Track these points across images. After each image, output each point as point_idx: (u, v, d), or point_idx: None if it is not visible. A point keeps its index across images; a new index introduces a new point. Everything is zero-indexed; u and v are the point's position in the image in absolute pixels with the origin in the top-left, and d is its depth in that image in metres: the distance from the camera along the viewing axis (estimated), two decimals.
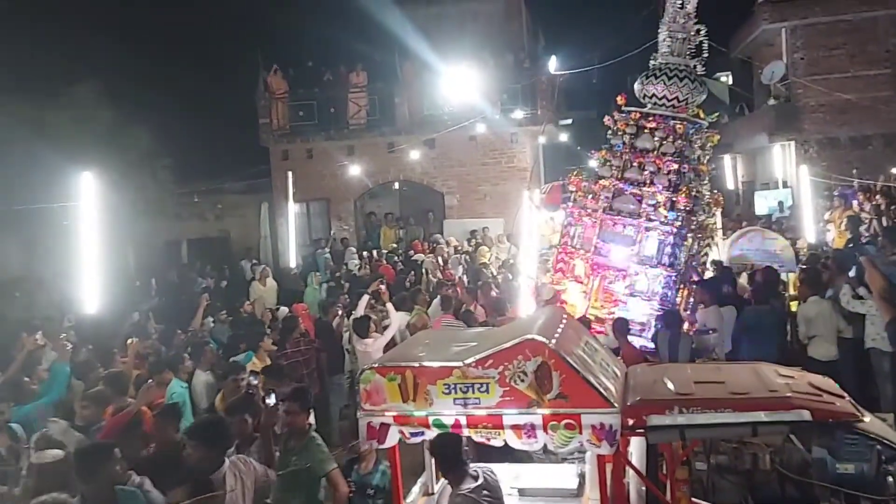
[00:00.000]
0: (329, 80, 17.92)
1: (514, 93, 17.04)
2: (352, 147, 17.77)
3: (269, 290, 12.83)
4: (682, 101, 8.00)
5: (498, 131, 16.92)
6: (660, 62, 8.17)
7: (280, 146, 17.90)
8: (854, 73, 17.92)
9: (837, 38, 18.20)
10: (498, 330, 5.14)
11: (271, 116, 17.68)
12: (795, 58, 18.35)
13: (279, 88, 17.75)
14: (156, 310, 10.95)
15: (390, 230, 17.20)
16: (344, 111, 17.72)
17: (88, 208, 7.82)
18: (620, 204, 7.92)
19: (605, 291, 8.00)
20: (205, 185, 17.76)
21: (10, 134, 11.67)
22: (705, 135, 8.26)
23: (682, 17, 8.01)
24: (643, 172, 7.85)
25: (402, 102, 17.52)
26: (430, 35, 16.96)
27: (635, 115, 8.06)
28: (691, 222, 7.87)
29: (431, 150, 17.33)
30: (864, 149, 17.81)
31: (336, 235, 17.25)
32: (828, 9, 18.21)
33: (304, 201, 17.43)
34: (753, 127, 20.14)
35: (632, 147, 8.03)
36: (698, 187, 8.07)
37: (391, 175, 18.07)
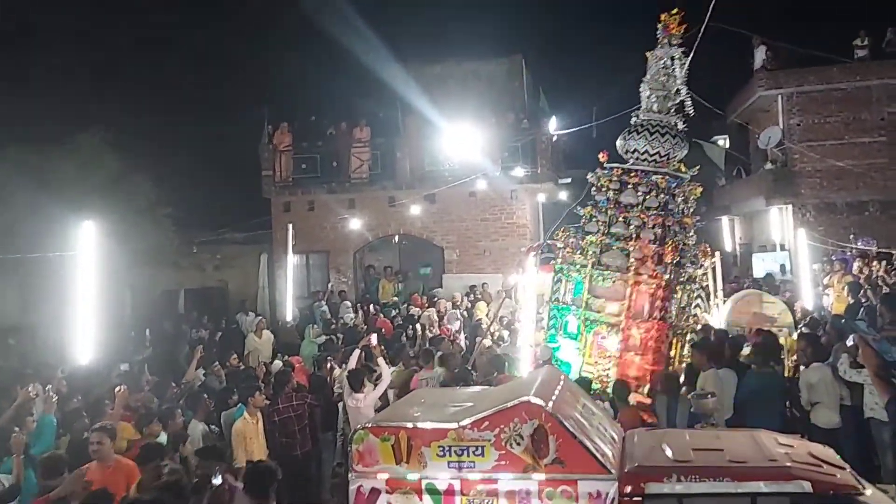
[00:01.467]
0: (332, 135, 18.19)
1: (515, 151, 17.25)
2: (353, 200, 17.91)
3: (264, 343, 12.75)
4: (664, 157, 8.11)
5: (498, 188, 17.08)
6: (641, 119, 8.31)
7: (282, 198, 18.05)
8: (849, 139, 18.24)
9: (832, 106, 18.58)
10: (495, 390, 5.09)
11: (274, 168, 17.88)
12: (791, 124, 18.68)
13: (283, 141, 18.00)
14: (149, 360, 10.85)
15: (389, 283, 17.19)
16: (346, 165, 17.92)
17: (87, 257, 7.82)
18: (609, 259, 7.95)
19: (598, 347, 7.95)
20: (205, 234, 17.84)
21: (13, 182, 11.77)
22: (688, 188, 8.34)
23: (664, 75, 8.17)
24: (629, 227, 7.91)
25: (403, 157, 17.73)
26: (433, 93, 17.29)
27: (618, 171, 8.17)
28: (680, 275, 7.89)
29: (432, 204, 17.47)
30: (860, 214, 17.97)
31: (334, 288, 17.24)
32: (822, 77, 18.66)
33: (303, 253, 17.50)
34: (750, 190, 20.37)
35: (616, 202, 8.11)
36: (684, 240, 8.11)
37: (391, 229, 18.16)
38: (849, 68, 18.63)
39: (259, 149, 17.91)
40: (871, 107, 18.41)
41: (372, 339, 9.68)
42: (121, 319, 14.18)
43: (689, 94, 8.36)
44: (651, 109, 8.24)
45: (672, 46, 8.17)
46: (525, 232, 17.50)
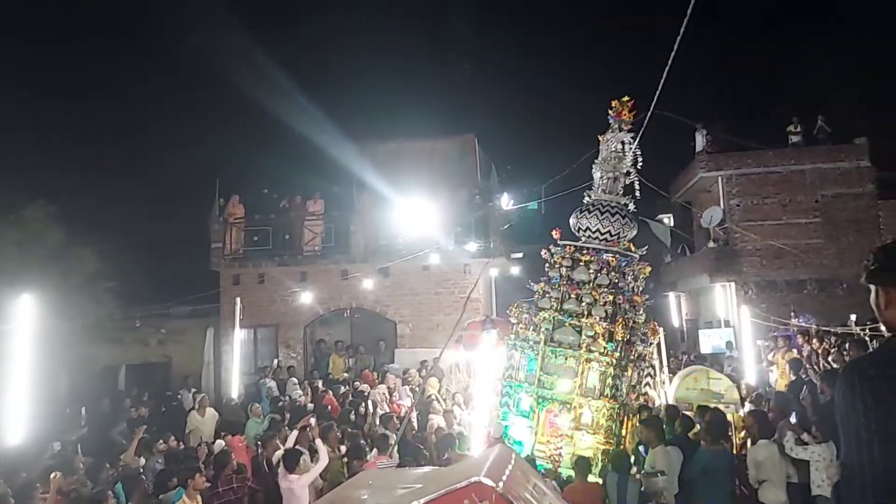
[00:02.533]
0: (285, 207, 18.17)
1: (468, 225, 17.48)
2: (304, 273, 17.77)
3: (207, 421, 12.27)
4: (614, 236, 8.33)
5: (451, 262, 17.21)
6: (593, 198, 8.56)
7: (231, 271, 17.78)
8: (786, 220, 19.05)
9: (770, 188, 19.46)
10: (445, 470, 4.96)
11: (224, 241, 17.68)
12: (732, 204, 19.46)
13: (235, 213, 17.89)
14: (84, 440, 10.32)
15: (340, 358, 16.89)
16: (299, 238, 17.85)
17: (23, 332, 7.53)
18: (561, 336, 8.00)
19: (550, 425, 7.90)
20: (149, 308, 17.36)
21: None
22: (637, 267, 8.54)
23: (614, 158, 8.48)
24: (581, 304, 8.01)
25: (357, 231, 17.76)
26: (388, 168, 17.55)
27: (570, 249, 8.33)
28: (630, 353, 7.97)
29: (385, 278, 17.44)
30: (799, 292, 18.60)
31: (282, 363, 16.85)
32: (759, 161, 19.62)
33: (251, 327, 17.15)
34: (695, 267, 20.95)
35: (569, 279, 8.23)
36: (634, 318, 8.23)
37: (343, 302, 18.00)
38: (784, 153, 19.67)
39: (209, 221, 17.73)
40: (806, 190, 19.35)
41: (311, 421, 9.42)
42: (56, 397, 13.53)
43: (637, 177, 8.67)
44: (602, 190, 8.50)
45: (622, 131, 8.52)
46: (478, 306, 17.54)
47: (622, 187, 8.57)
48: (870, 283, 2.15)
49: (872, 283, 2.14)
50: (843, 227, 18.94)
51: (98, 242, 14.57)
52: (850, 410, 2.01)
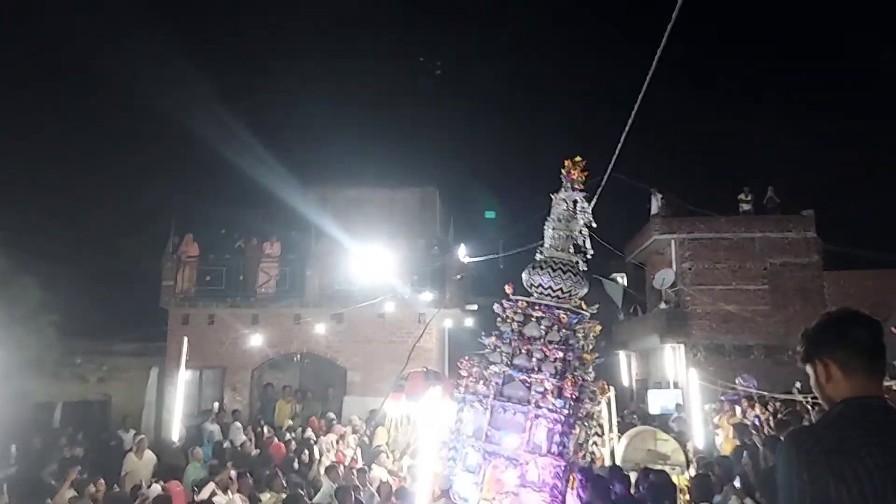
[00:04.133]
0: (241, 248, 17.97)
1: (424, 275, 17.51)
2: (256, 316, 17.47)
3: (145, 464, 11.80)
4: (566, 293, 8.40)
5: (406, 311, 17.14)
6: (546, 255, 8.66)
7: (181, 310, 17.38)
8: (735, 286, 19.55)
9: (721, 253, 20.00)
10: None
11: (176, 279, 17.33)
12: (684, 267, 19.92)
13: (189, 252, 17.60)
14: (12, 480, 9.83)
15: (287, 404, 16.51)
16: (253, 280, 17.62)
17: None
18: (511, 390, 7.96)
19: (496, 481, 7.80)
20: (92, 344, 16.80)
21: None
22: (588, 325, 8.61)
23: (566, 217, 8.62)
24: (531, 360, 8.01)
25: (313, 275, 17.62)
26: (348, 215, 17.57)
27: (522, 304, 8.37)
28: (578, 410, 7.97)
29: (339, 324, 17.26)
30: (746, 357, 18.98)
31: (227, 407, 16.40)
32: (711, 227, 20.21)
33: (197, 368, 16.72)
34: (646, 328, 21.25)
35: (520, 334, 8.24)
36: (584, 375, 8.26)
37: (294, 347, 17.71)
38: (735, 220, 20.30)
39: (162, 258, 17.40)
40: (755, 257, 19.94)
41: (232, 473, 9.18)
42: None
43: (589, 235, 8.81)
44: (554, 247, 8.60)
45: (574, 191, 8.67)
46: (430, 356, 17.46)
47: (574, 246, 8.68)
48: (806, 363, 2.17)
49: (809, 362, 2.15)
50: (790, 296, 19.50)
51: (42, 273, 14.15)
52: (789, 484, 2.00)
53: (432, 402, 10.04)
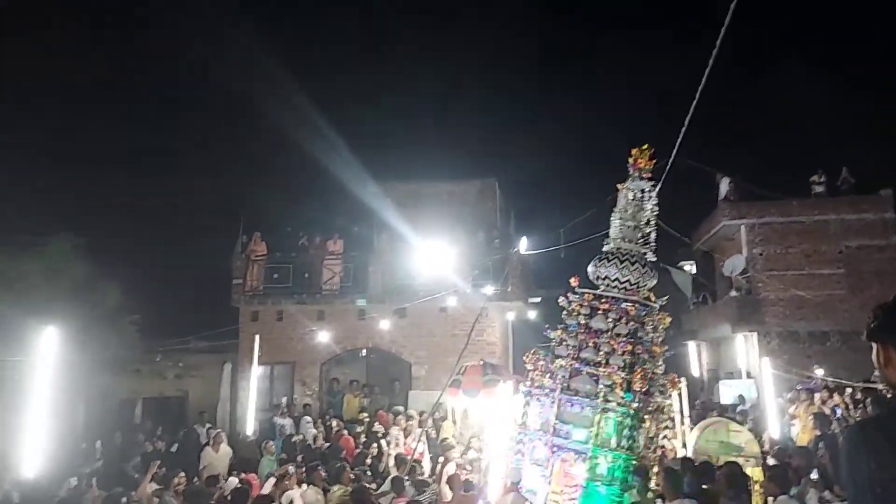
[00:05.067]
0: (305, 246, 18.35)
1: (486, 268, 17.47)
2: (322, 312, 17.83)
3: (221, 457, 12.24)
4: (634, 285, 8.24)
5: (468, 305, 17.17)
6: (612, 247, 8.50)
7: (251, 307, 17.90)
8: (809, 271, 18.84)
9: (793, 238, 19.29)
10: None
11: (245, 278, 17.85)
12: (754, 253, 19.30)
13: (257, 251, 18.09)
14: (98, 474, 10.33)
15: (355, 398, 16.81)
16: (318, 277, 17.97)
17: (45, 364, 7.62)
18: (578, 384, 7.89)
19: (565, 475, 7.76)
20: (169, 342, 17.48)
21: None
22: (657, 317, 8.43)
23: (633, 207, 8.45)
24: (598, 353, 7.90)
25: (376, 271, 17.85)
26: (408, 210, 17.70)
27: (589, 297, 8.26)
28: (648, 404, 7.84)
29: (402, 319, 17.45)
30: (822, 344, 18.27)
31: (298, 401, 16.81)
32: (783, 210, 19.50)
33: (268, 364, 17.18)
34: (717, 316, 20.71)
35: (587, 327, 8.14)
36: (653, 369, 8.11)
37: (360, 342, 18.01)
38: (807, 203, 19.54)
39: (232, 257, 17.94)
40: (830, 240, 19.15)
41: (289, 469, 9.36)
42: (73, 430, 13.60)
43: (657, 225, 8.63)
44: (621, 238, 8.46)
45: (641, 180, 8.50)
46: (494, 349, 17.47)
47: (641, 236, 8.50)
48: (870, 341, 2.13)
49: (873, 340, 2.12)
50: (867, 279, 18.65)
51: (122, 276, 14.80)
52: (855, 474, 1.96)
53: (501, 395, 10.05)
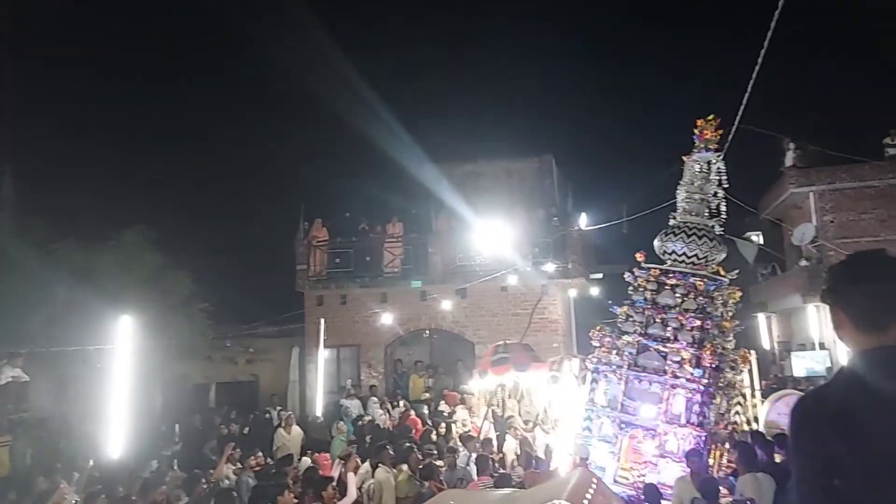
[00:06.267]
0: (365, 230, 18.56)
1: (546, 246, 17.35)
2: (384, 294, 18.05)
3: (293, 438, 12.61)
4: (702, 259, 8.07)
5: (529, 283, 17.10)
6: (679, 221, 8.32)
7: (315, 292, 18.26)
8: (885, 237, 18.01)
9: (866, 203, 18.49)
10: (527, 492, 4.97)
11: (308, 263, 18.19)
12: (825, 221, 18.59)
13: (318, 236, 18.40)
14: (178, 456, 10.78)
15: (420, 379, 17.04)
16: (379, 260, 18.16)
17: (123, 351, 7.97)
18: (645, 360, 7.80)
19: (634, 452, 7.72)
20: (238, 328, 18.02)
21: (57, 276, 12.13)
22: (727, 291, 8.23)
23: (700, 179, 8.24)
24: (666, 329, 7.79)
25: (435, 252, 17.93)
26: (465, 190, 17.68)
27: (655, 272, 8.12)
28: (718, 380, 7.69)
29: (463, 299, 17.51)
30: None
31: (365, 383, 17.13)
32: (854, 174, 18.68)
33: (334, 347, 17.52)
34: (787, 287, 20.08)
35: (654, 303, 8.02)
36: (723, 344, 7.95)
37: (422, 323, 18.17)
38: (881, 166, 18.65)
39: (294, 244, 18.30)
40: None
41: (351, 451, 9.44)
42: (152, 413, 14.20)
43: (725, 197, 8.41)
44: (688, 212, 8.29)
45: (708, 151, 8.29)
46: (557, 327, 17.40)
47: (708, 209, 8.30)
48: (824, 304, 2.02)
49: (825, 303, 2.00)
50: None
51: (191, 265, 15.28)
52: (798, 449, 1.89)
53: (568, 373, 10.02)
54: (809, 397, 1.98)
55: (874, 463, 1.73)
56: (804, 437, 1.88)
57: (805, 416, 1.89)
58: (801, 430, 1.89)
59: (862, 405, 1.79)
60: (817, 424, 1.84)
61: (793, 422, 1.93)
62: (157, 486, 7.86)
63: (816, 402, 1.91)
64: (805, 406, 1.92)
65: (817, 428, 1.83)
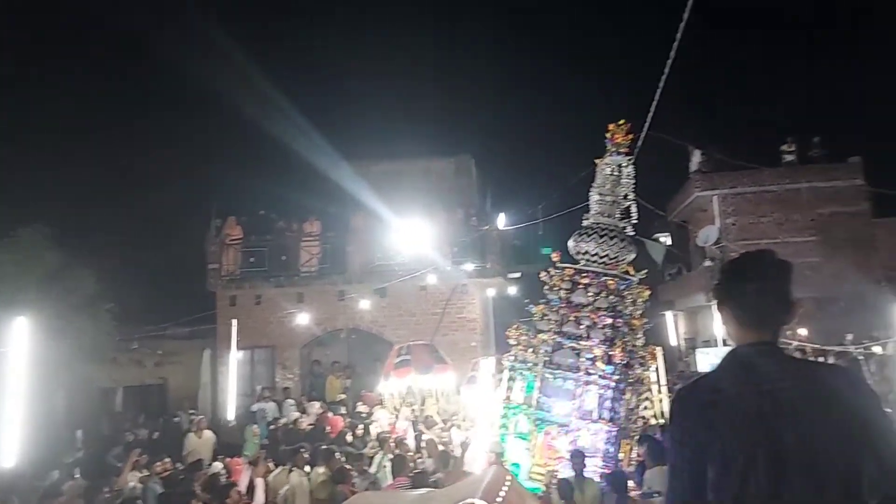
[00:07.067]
0: (281, 228, 18.20)
1: (465, 246, 17.49)
2: (301, 294, 17.75)
3: (204, 442, 12.21)
4: (613, 259, 8.36)
5: (448, 282, 17.21)
6: (591, 222, 8.59)
7: (228, 292, 17.76)
8: (783, 239, 19.12)
9: (765, 207, 19.57)
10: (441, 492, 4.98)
11: (221, 262, 17.68)
12: (727, 223, 19.55)
13: (232, 234, 17.91)
14: (81, 463, 10.27)
15: (337, 380, 16.83)
16: (295, 259, 17.85)
17: (18, 354, 7.52)
18: (560, 358, 8.01)
19: (548, 448, 7.89)
20: (146, 330, 17.31)
21: None
22: (636, 290, 8.56)
23: (611, 181, 8.53)
24: (580, 327, 8.02)
25: (354, 251, 17.78)
26: (384, 189, 17.60)
27: (569, 272, 8.35)
28: (628, 376, 7.98)
29: (382, 298, 17.42)
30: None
31: (279, 385, 16.79)
32: (754, 180, 19.74)
33: (248, 348, 17.10)
34: (692, 286, 20.99)
35: (568, 302, 8.25)
36: (633, 341, 8.26)
37: (340, 323, 17.97)
38: (778, 172, 19.78)
39: (206, 242, 17.74)
40: (802, 208, 19.45)
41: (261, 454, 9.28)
42: (53, 419, 13.47)
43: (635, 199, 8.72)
44: (600, 213, 8.55)
45: (619, 155, 8.58)
46: (475, 326, 17.57)
47: (620, 210, 8.59)
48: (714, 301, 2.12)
49: (715, 300, 2.10)
50: (840, 246, 18.99)
51: (96, 264, 14.55)
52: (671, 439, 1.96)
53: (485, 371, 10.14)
54: (686, 388, 2.04)
55: (734, 452, 1.80)
56: (677, 426, 1.94)
57: (680, 405, 1.96)
58: (676, 420, 1.96)
59: (729, 396, 1.86)
60: (689, 414, 1.91)
61: (670, 412, 2.01)
62: (55, 495, 7.48)
63: (691, 393, 1.98)
64: (681, 396, 1.99)
65: (689, 417, 1.90)
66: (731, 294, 2.03)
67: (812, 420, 1.79)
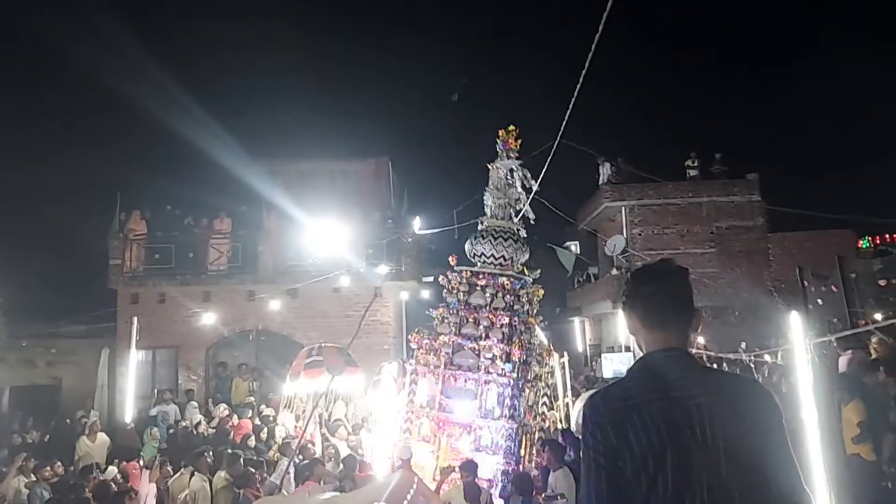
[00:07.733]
0: (190, 225, 17.60)
1: (380, 248, 17.43)
2: (208, 293, 17.19)
3: (98, 446, 11.65)
4: (508, 260, 8.59)
5: (362, 285, 17.08)
6: (486, 225, 8.80)
7: (130, 289, 16.99)
8: (684, 250, 20.01)
9: (669, 219, 20.44)
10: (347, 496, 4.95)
11: (124, 258, 16.90)
12: (634, 233, 20.30)
13: (136, 230, 17.17)
14: None
15: (243, 382, 16.38)
16: (203, 257, 17.30)
17: None
18: (460, 359, 8.14)
19: (452, 449, 7.96)
20: (39, 327, 16.35)
21: None
22: (531, 289, 8.81)
23: (504, 184, 8.77)
24: (478, 327, 8.19)
25: (265, 251, 17.38)
26: (299, 189, 17.33)
27: (466, 274, 8.52)
28: (527, 373, 8.19)
29: (293, 300, 17.11)
30: None
31: (182, 387, 16.21)
32: (659, 192, 20.59)
33: (150, 349, 16.42)
34: (599, 294, 21.65)
35: (466, 304, 8.40)
36: (529, 339, 8.49)
37: (249, 324, 17.51)
38: (682, 186, 20.72)
39: (108, 236, 16.93)
40: (702, 221, 20.43)
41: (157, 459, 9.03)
42: None
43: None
44: (494, 216, 8.76)
45: (510, 159, 8.80)
46: (388, 329, 17.51)
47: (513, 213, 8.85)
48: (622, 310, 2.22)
49: (623, 309, 2.20)
50: (736, 258, 20.06)
51: None
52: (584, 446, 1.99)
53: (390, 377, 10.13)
54: (598, 394, 2.08)
55: (644, 457, 1.86)
56: (589, 432, 1.97)
57: (592, 411, 1.99)
58: (588, 425, 1.99)
59: (640, 403, 1.92)
60: (600, 420, 1.94)
61: (582, 417, 2.04)
62: None
63: (603, 398, 2.02)
64: (593, 402, 2.03)
65: (600, 423, 1.93)
66: (636, 295, 2.11)
67: (719, 427, 1.86)
